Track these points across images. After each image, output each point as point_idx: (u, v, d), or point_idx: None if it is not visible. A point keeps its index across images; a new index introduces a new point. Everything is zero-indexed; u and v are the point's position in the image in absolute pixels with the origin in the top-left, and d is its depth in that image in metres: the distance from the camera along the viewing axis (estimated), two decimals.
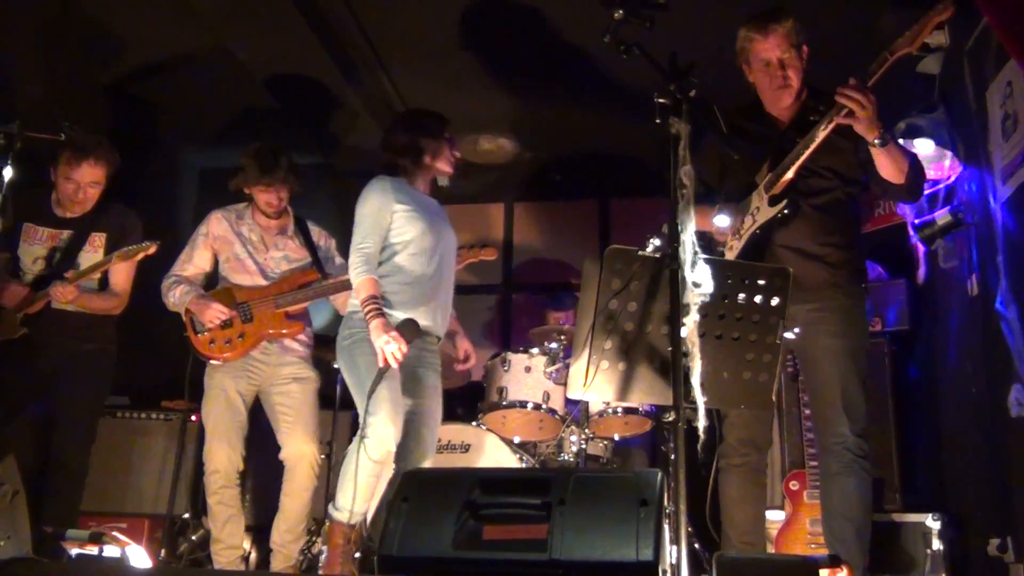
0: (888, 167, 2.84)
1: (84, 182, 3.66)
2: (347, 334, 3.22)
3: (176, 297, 3.65)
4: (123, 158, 3.78)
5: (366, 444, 3.00)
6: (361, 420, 3.02)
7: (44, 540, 2.84)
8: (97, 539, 2.67)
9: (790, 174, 2.91)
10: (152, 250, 3.58)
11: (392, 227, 3.25)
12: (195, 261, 3.74)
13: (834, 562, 1.97)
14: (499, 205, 6.23)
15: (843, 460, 2.87)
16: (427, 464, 3.24)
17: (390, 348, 2.98)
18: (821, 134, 2.80)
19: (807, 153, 2.85)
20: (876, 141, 2.76)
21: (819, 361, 2.96)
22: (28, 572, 1.81)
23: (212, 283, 3.81)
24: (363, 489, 3.00)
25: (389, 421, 3.01)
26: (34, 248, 3.68)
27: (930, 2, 2.55)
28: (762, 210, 2.98)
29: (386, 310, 3.13)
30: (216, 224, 3.76)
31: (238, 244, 3.73)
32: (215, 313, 3.57)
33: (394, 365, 3.00)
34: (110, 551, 2.65)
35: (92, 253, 3.73)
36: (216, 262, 3.78)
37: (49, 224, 3.72)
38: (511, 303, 6.02)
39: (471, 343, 3.70)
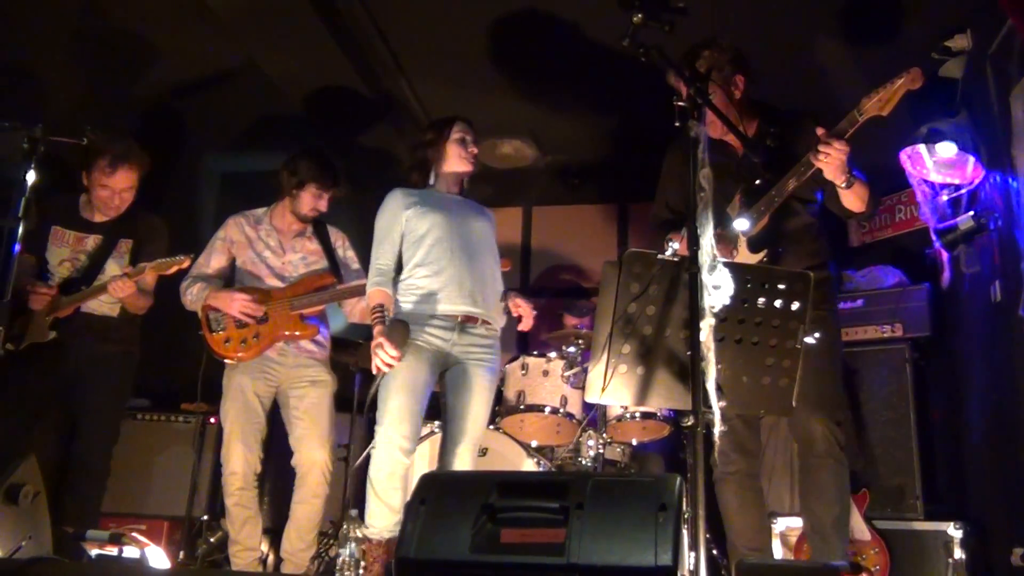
0: (851, 201, 2.95)
1: (119, 188, 3.71)
2: None
3: (193, 295, 3.68)
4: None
5: (374, 456, 3.05)
6: None
7: (64, 541, 2.85)
8: (117, 540, 2.69)
9: (765, 220, 2.99)
10: (186, 264, 3.61)
11: (406, 231, 3.31)
12: (212, 264, 3.77)
13: (855, 569, 1.95)
14: (517, 209, 6.23)
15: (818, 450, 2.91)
16: (466, 465, 3.20)
17: (379, 354, 3.00)
18: (791, 185, 2.88)
19: (780, 201, 2.93)
20: (843, 185, 2.86)
21: None
22: (49, 572, 1.82)
23: (229, 286, 3.83)
24: (389, 500, 3.02)
25: (393, 428, 3.03)
26: (61, 251, 3.73)
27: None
28: (741, 251, 3.02)
29: (420, 307, 3.19)
30: (233, 229, 3.79)
31: (254, 248, 3.76)
32: (241, 303, 3.58)
33: (385, 370, 3.01)
34: (129, 552, 2.67)
35: (119, 258, 3.76)
36: (233, 266, 3.80)
37: (77, 228, 3.76)
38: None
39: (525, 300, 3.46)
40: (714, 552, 3.53)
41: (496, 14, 4.20)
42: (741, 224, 2.97)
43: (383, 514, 3.02)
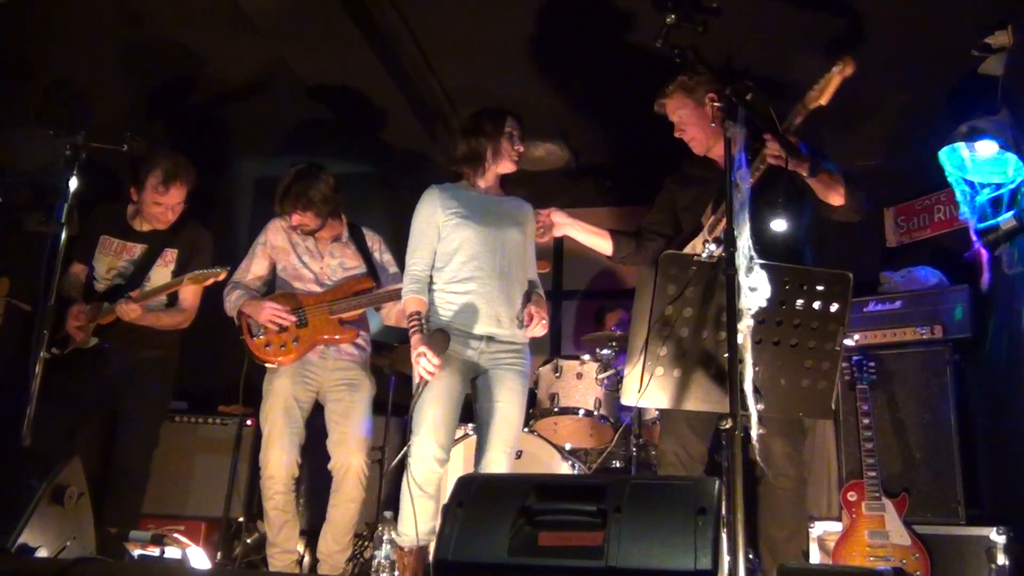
0: (823, 191, 3.02)
1: (172, 204, 3.80)
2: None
3: (232, 301, 3.72)
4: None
5: (409, 465, 3.05)
6: None
7: (108, 541, 2.90)
8: (159, 541, 2.73)
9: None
10: (222, 276, 3.66)
11: (442, 236, 3.27)
12: (253, 269, 3.80)
13: (899, 574, 1.92)
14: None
15: None
16: (502, 467, 3.17)
17: (421, 363, 2.99)
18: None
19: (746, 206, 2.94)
20: (806, 173, 2.92)
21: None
22: (94, 571, 1.85)
23: (271, 290, 3.86)
24: (421, 510, 3.02)
25: (429, 438, 3.03)
26: (108, 259, 3.81)
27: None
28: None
29: (445, 320, 3.17)
30: (274, 234, 3.81)
31: (294, 253, 3.78)
32: (271, 312, 3.60)
33: (427, 378, 2.99)
34: (171, 552, 2.71)
35: (164, 268, 3.84)
36: (274, 270, 3.83)
37: (124, 236, 3.84)
38: (561, 310, 5.99)
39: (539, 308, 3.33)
40: (750, 556, 3.50)
41: (528, 15, 4.20)
42: (779, 225, 2.95)
43: (414, 523, 3.00)
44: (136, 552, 2.81)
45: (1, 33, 3.79)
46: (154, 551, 2.73)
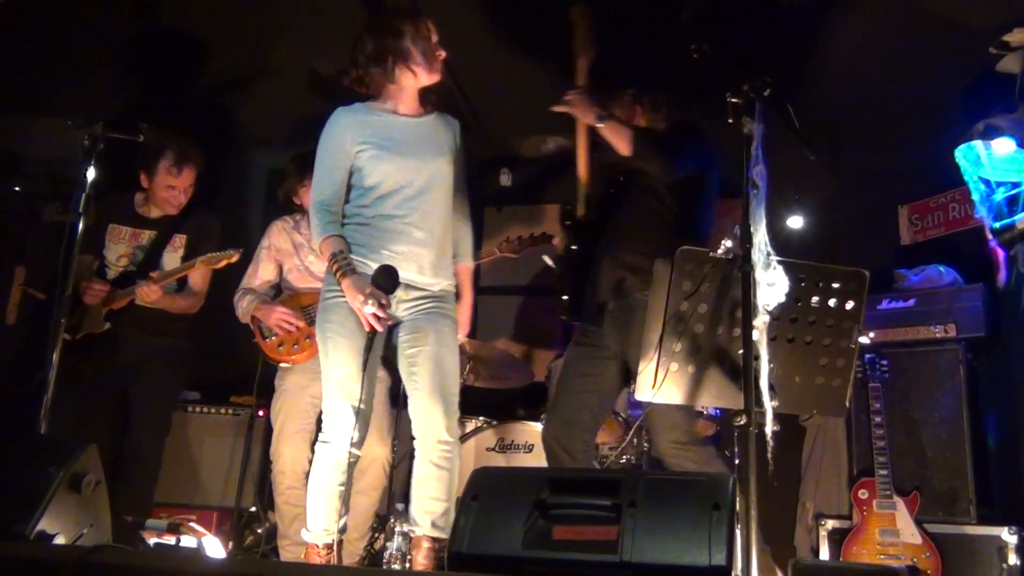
0: (614, 141, 3.16)
1: (184, 186, 3.84)
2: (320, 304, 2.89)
3: (243, 307, 3.78)
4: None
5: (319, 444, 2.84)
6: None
7: (123, 529, 2.92)
8: (175, 529, 2.74)
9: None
10: (235, 258, 3.71)
11: (354, 168, 2.89)
12: (260, 274, 3.85)
13: (913, 573, 1.92)
14: (555, 207, 6.21)
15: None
16: (438, 418, 2.78)
17: (368, 309, 2.64)
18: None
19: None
20: (595, 122, 3.18)
21: None
22: (111, 559, 1.87)
23: (280, 292, 3.90)
24: (328, 500, 2.76)
25: (337, 409, 2.78)
26: (118, 247, 3.84)
27: None
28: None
29: (359, 260, 2.80)
30: (276, 236, 3.86)
31: (299, 255, 3.83)
32: (279, 316, 3.66)
33: (379, 328, 2.68)
34: (187, 541, 2.73)
35: (173, 253, 3.87)
36: (281, 272, 3.88)
37: (133, 224, 3.87)
38: None
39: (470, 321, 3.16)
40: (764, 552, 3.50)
41: (541, 10, 4.19)
42: (796, 222, 2.95)
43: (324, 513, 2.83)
44: (152, 540, 2.83)
45: (15, 25, 3.80)
46: (170, 540, 2.75)
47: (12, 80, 4.05)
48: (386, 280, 2.66)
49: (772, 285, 2.34)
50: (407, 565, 3.09)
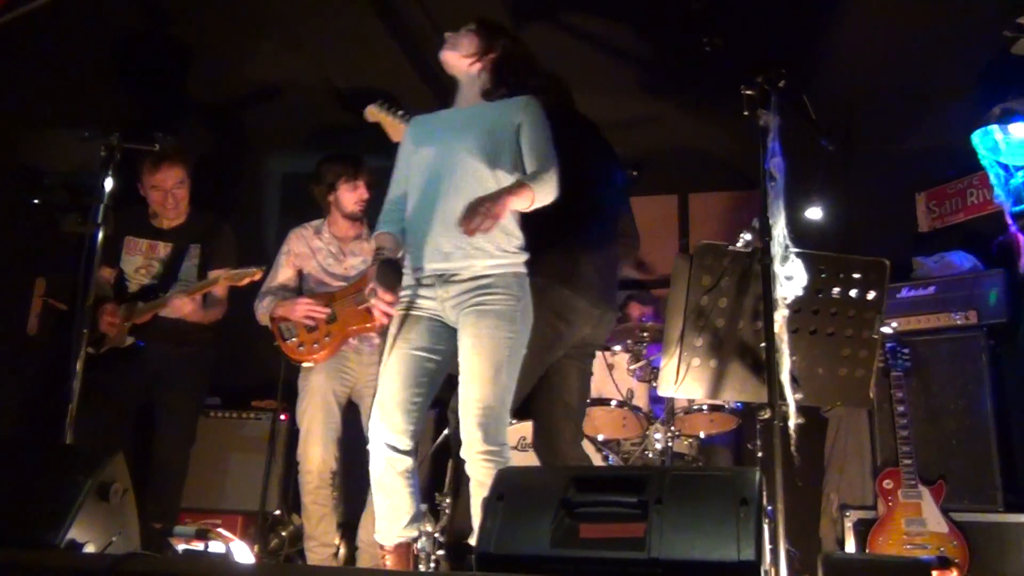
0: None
1: (168, 186, 3.81)
2: None
3: (263, 308, 3.79)
4: (209, 163, 3.92)
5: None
6: None
7: (152, 536, 2.94)
8: (203, 535, 2.76)
9: None
10: (257, 276, 3.70)
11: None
12: (279, 278, 3.87)
13: (943, 563, 1.91)
14: None
15: None
16: (474, 451, 2.55)
17: (376, 305, 2.61)
18: None
19: None
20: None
21: None
22: (141, 567, 1.88)
23: (299, 295, 3.91)
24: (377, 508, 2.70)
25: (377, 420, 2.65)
26: (135, 259, 3.86)
27: None
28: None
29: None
30: (295, 242, 3.88)
31: (317, 259, 3.85)
32: (304, 308, 3.65)
33: (383, 320, 2.63)
34: (215, 547, 2.74)
35: (189, 263, 3.90)
36: (300, 277, 3.90)
37: (148, 235, 3.89)
38: None
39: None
40: (789, 548, 3.48)
41: (552, 14, 4.19)
42: (815, 213, 2.93)
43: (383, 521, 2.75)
44: (180, 547, 2.85)
45: (33, 36, 3.83)
46: (198, 546, 2.77)
47: (28, 94, 4.08)
48: (383, 276, 2.62)
49: (792, 278, 2.34)
50: (432, 566, 3.10)
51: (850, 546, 3.86)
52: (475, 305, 2.59)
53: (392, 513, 2.66)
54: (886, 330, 2.59)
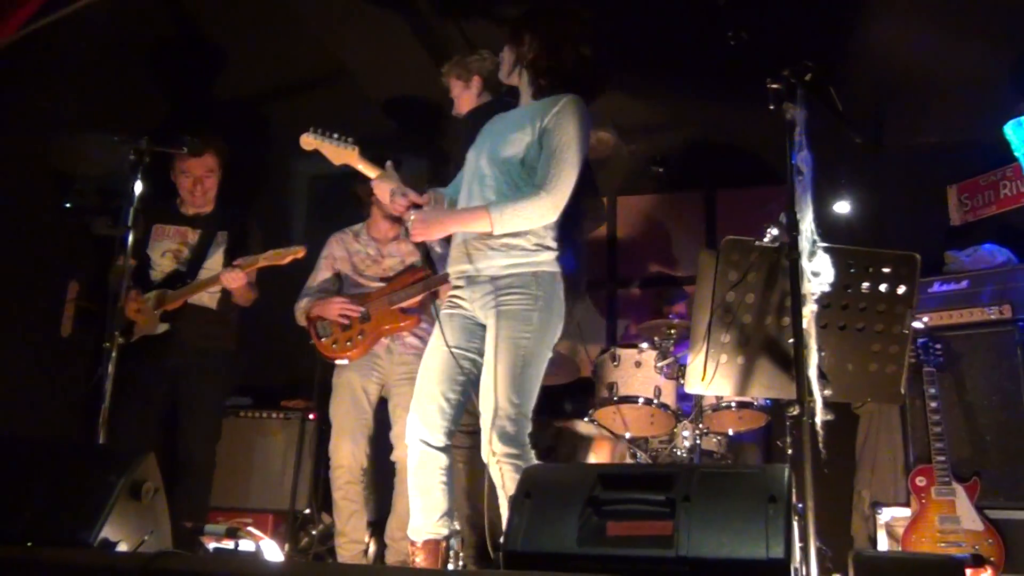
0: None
1: (198, 173, 3.89)
2: None
3: (300, 308, 3.87)
4: (236, 165, 3.96)
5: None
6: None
7: (183, 535, 2.98)
8: (233, 534, 2.79)
9: None
10: (301, 254, 3.71)
11: None
12: (317, 280, 3.95)
13: (978, 561, 1.88)
14: (601, 200, 6.18)
15: None
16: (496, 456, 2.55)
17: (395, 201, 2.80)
18: None
19: None
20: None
21: None
22: (174, 565, 1.90)
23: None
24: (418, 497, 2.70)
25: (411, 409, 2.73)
26: (163, 243, 3.90)
27: None
28: None
29: None
30: (334, 246, 3.97)
31: (354, 260, 3.92)
32: (339, 306, 3.73)
33: (399, 210, 2.78)
34: (245, 545, 2.77)
35: (217, 249, 3.93)
36: (340, 278, 3.96)
37: (176, 222, 3.94)
38: (616, 299, 5.97)
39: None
40: (819, 545, 3.45)
41: (572, 4, 4.17)
42: (843, 207, 2.90)
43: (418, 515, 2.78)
44: (211, 545, 2.88)
45: (63, 44, 3.88)
46: (229, 544, 2.80)
47: (58, 99, 4.14)
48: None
49: (819, 273, 2.31)
50: (460, 564, 3.11)
51: (882, 544, 3.81)
52: (496, 306, 2.63)
53: (425, 509, 2.68)
54: (917, 325, 2.55)
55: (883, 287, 2.41)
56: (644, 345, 4.17)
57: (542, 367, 2.63)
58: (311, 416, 4.40)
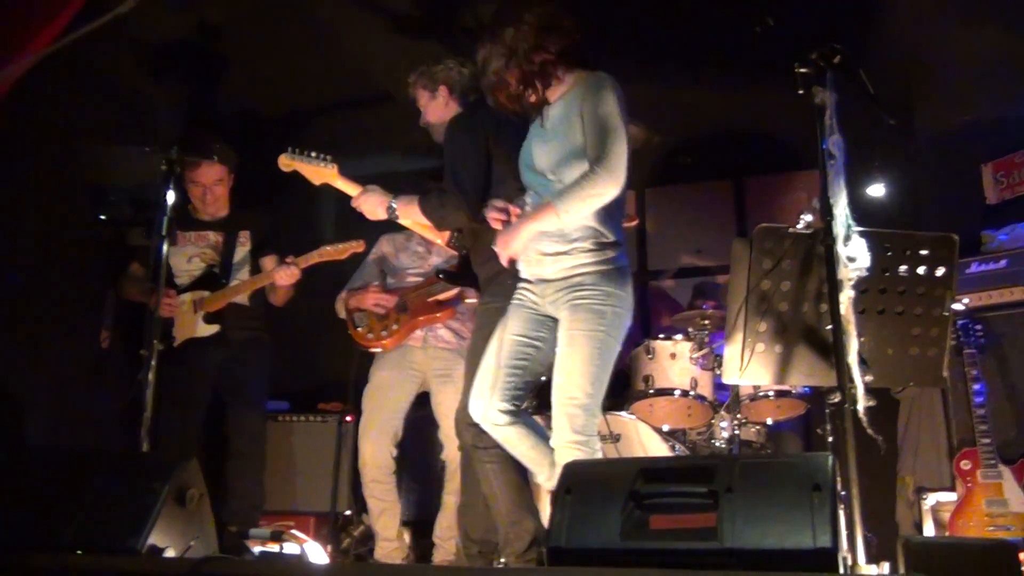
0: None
1: (207, 182, 3.92)
2: None
3: (340, 300, 3.94)
4: (262, 172, 3.99)
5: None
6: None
7: (228, 540, 3.01)
8: (278, 537, 2.82)
9: None
10: (360, 248, 3.78)
11: None
12: (363, 277, 4.01)
13: None
14: (629, 192, 6.14)
15: None
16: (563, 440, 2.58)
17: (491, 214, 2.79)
18: None
19: None
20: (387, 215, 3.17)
21: None
22: (221, 570, 1.92)
23: None
24: None
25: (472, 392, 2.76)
26: (185, 249, 3.93)
27: None
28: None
29: None
30: (385, 244, 4.08)
31: (400, 257, 4.01)
32: (374, 296, 3.78)
33: (496, 225, 2.73)
34: (290, 548, 2.80)
35: (241, 248, 3.99)
36: (384, 278, 4.01)
37: (193, 228, 3.98)
38: (648, 291, 5.94)
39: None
40: (867, 533, 3.41)
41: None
42: (877, 190, 2.86)
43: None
44: (257, 549, 2.91)
45: (93, 57, 3.93)
46: (274, 547, 2.83)
47: (90, 112, 4.20)
48: None
49: (856, 257, 2.28)
50: (503, 561, 3.11)
51: (928, 529, 3.76)
52: (568, 301, 2.63)
53: (534, 467, 2.71)
54: (957, 307, 2.51)
55: (921, 270, 2.38)
56: (678, 336, 4.15)
57: (613, 360, 2.64)
58: (348, 418, 4.43)
